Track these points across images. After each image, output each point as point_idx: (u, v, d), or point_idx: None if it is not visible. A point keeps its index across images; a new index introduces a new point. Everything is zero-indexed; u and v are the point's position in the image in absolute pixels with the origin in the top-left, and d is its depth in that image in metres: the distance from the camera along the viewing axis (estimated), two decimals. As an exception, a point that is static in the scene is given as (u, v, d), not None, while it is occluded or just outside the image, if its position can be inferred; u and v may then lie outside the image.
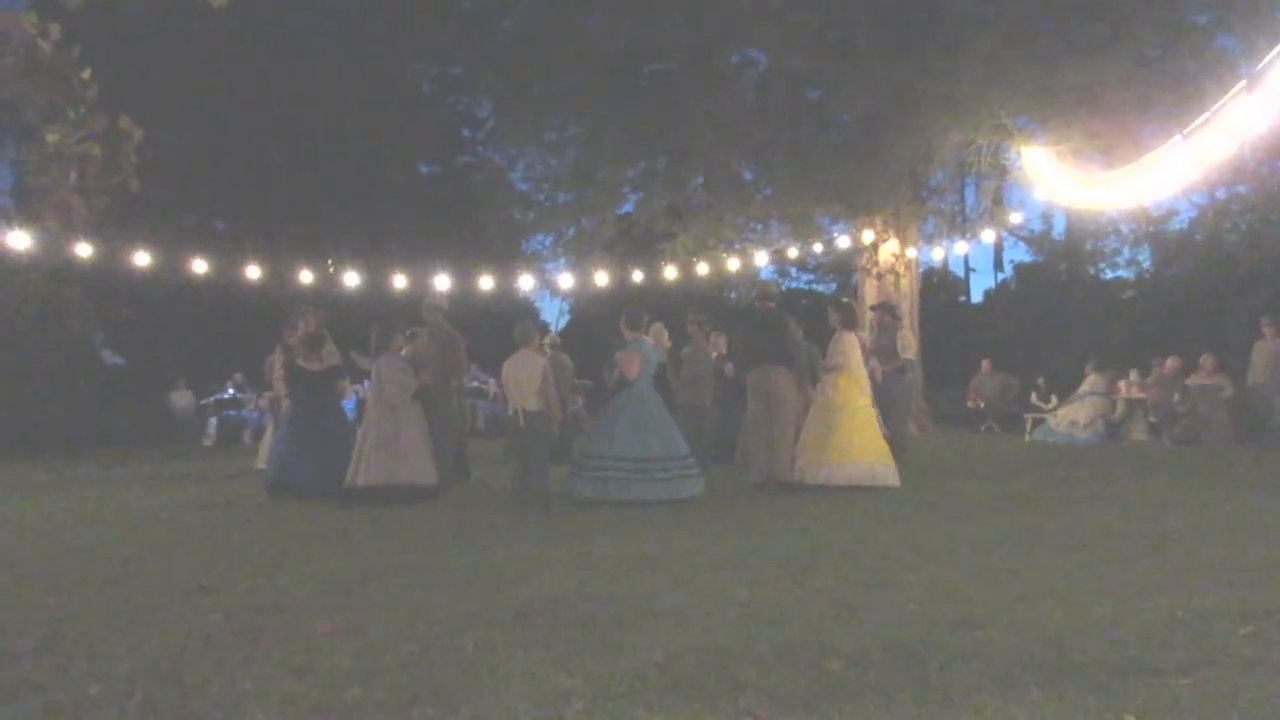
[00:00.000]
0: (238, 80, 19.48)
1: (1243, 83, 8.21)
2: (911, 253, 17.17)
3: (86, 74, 3.78)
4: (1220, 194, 20.21)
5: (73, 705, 3.11)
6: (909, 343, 10.51)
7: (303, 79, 19.80)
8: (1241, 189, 19.94)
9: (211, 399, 19.27)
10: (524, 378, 8.20)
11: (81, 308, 18.10)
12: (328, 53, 21.06)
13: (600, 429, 8.52)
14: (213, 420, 18.61)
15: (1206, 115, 8.98)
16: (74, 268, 13.84)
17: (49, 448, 16.05)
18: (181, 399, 20.14)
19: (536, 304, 29.73)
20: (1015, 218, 17.58)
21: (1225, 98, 8.55)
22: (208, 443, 18.13)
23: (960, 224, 17.79)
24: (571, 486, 8.22)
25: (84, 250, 11.96)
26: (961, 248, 17.64)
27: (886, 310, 11.08)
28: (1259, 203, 19.52)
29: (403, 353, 9.13)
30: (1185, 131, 9.45)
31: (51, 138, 3.74)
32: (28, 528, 7.45)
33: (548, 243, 20.14)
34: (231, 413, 18.87)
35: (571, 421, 12.38)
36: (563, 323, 30.46)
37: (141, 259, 12.73)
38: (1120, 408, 15.08)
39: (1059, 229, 27.59)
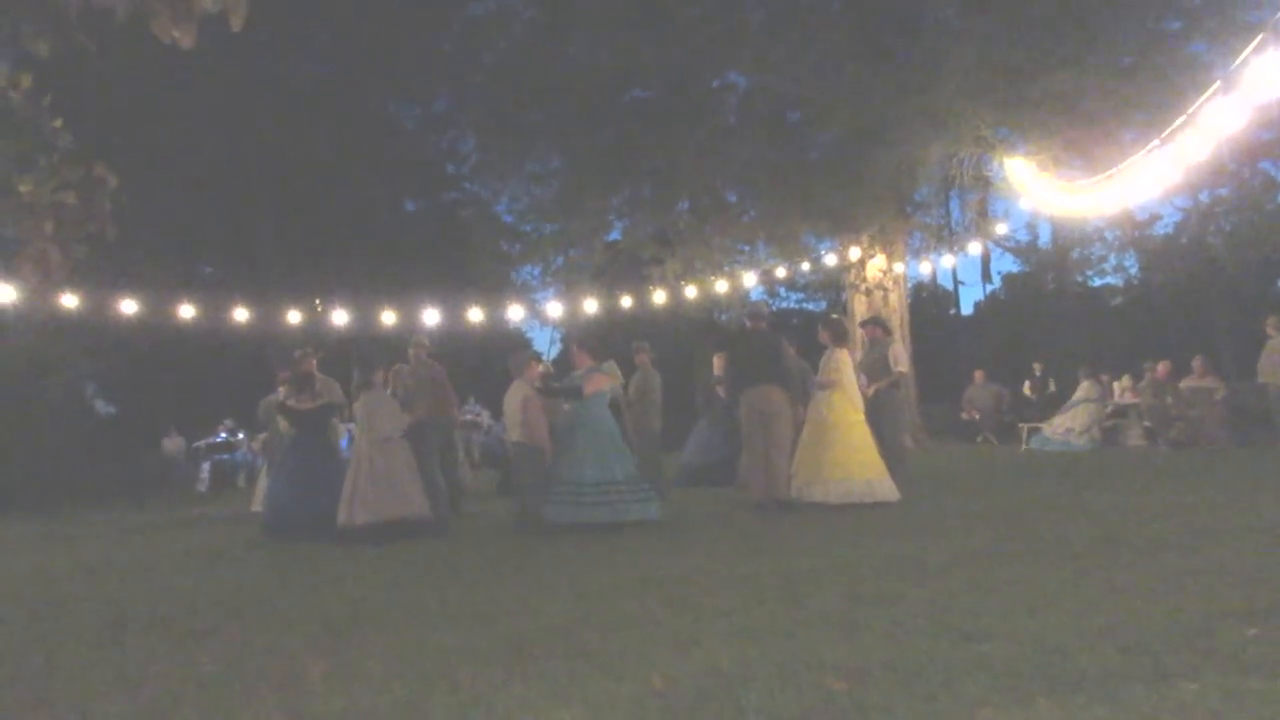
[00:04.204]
0: (220, 124, 19.55)
1: (1217, 84, 8.28)
2: (899, 267, 17.22)
3: (58, 123, 3.76)
4: (1203, 197, 20.38)
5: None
6: (900, 357, 10.48)
7: (285, 121, 19.87)
8: (1223, 191, 20.13)
9: (203, 443, 19.19)
10: (508, 408, 8.27)
11: (71, 359, 18.03)
12: (310, 94, 21.17)
13: (564, 454, 8.35)
14: (205, 465, 18.53)
15: (1183, 118, 9.05)
16: (62, 319, 13.80)
17: (41, 500, 15.91)
18: (173, 445, 20.06)
19: (528, 334, 29.80)
20: (1000, 229, 17.69)
21: (1201, 100, 8.61)
22: (201, 488, 18.03)
23: (946, 237, 17.86)
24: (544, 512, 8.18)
25: (70, 301, 11.90)
26: (949, 261, 17.75)
27: (877, 325, 11.05)
28: (1241, 204, 19.67)
29: (388, 391, 9.11)
30: (1163, 135, 9.52)
31: (24, 188, 3.71)
32: (23, 580, 7.35)
33: (536, 273, 20.22)
34: (224, 456, 18.79)
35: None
36: (554, 352, 30.51)
37: (128, 307, 12.68)
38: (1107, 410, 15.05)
39: (1045, 238, 27.74)
